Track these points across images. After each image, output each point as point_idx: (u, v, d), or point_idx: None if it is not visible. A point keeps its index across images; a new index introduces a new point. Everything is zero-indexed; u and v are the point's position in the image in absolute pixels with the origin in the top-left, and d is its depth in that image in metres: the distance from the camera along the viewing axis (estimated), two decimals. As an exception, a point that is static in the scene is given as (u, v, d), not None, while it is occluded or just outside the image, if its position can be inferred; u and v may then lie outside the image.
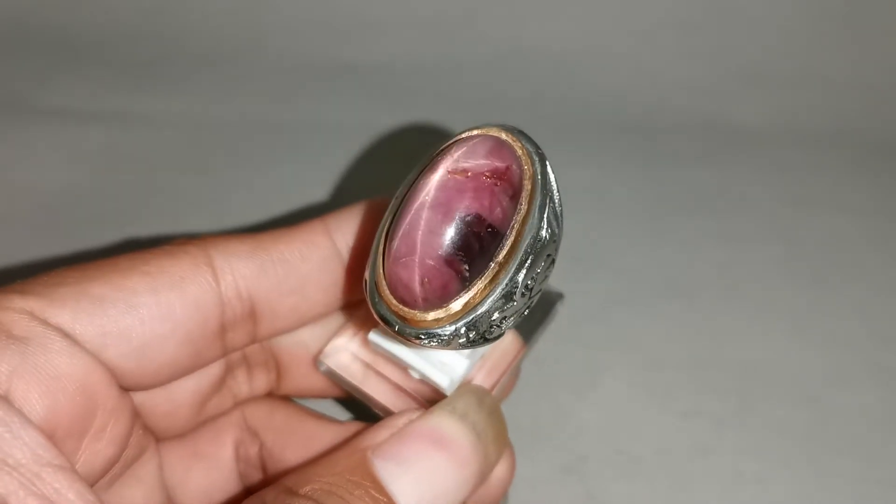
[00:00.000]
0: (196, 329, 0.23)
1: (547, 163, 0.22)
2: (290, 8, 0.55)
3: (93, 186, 0.46)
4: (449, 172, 0.21)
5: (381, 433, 0.23)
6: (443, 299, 0.21)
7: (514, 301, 0.21)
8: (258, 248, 0.25)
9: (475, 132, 0.23)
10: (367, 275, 0.23)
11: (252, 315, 0.25)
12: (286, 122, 0.51)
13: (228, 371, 0.27)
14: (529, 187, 0.22)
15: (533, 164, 0.22)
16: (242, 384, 0.28)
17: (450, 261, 0.21)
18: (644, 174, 0.49)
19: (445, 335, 0.21)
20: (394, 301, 0.22)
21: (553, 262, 0.22)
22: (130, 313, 0.22)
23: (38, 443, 0.18)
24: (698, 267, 0.43)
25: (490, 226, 0.21)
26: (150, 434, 0.25)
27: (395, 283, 0.22)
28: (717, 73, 0.54)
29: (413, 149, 0.50)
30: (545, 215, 0.22)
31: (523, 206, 0.22)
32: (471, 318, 0.21)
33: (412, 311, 0.21)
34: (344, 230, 0.26)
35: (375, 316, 0.22)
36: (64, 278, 0.21)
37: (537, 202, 0.22)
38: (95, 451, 0.21)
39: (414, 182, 0.22)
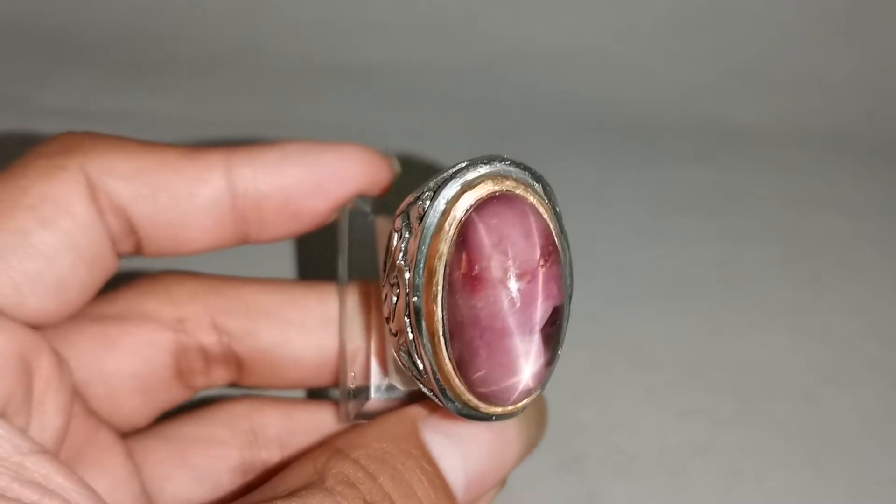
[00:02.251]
0: (95, 246, 0.22)
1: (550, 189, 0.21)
2: (290, 8, 0.55)
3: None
4: (516, 278, 0.19)
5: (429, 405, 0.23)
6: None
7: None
8: (141, 171, 0.23)
9: (489, 191, 0.20)
10: (402, 382, 0.22)
11: (133, 232, 0.24)
12: (286, 122, 0.51)
13: (182, 359, 0.26)
14: (558, 243, 0.20)
15: (555, 212, 0.21)
16: (199, 376, 0.27)
17: (544, 347, 0.20)
18: (644, 174, 0.49)
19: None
20: (487, 406, 0.21)
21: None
22: (33, 257, 0.21)
23: (12, 432, 0.18)
24: (698, 267, 0.43)
25: (561, 306, 0.20)
26: (104, 424, 0.25)
27: (493, 398, 0.20)
28: (717, 73, 0.54)
29: (413, 149, 0.50)
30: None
31: (566, 272, 0.21)
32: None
33: (511, 406, 0.21)
34: (250, 171, 0.24)
35: (463, 418, 0.21)
36: None
37: (568, 255, 0.21)
38: (43, 424, 0.21)
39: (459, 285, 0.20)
